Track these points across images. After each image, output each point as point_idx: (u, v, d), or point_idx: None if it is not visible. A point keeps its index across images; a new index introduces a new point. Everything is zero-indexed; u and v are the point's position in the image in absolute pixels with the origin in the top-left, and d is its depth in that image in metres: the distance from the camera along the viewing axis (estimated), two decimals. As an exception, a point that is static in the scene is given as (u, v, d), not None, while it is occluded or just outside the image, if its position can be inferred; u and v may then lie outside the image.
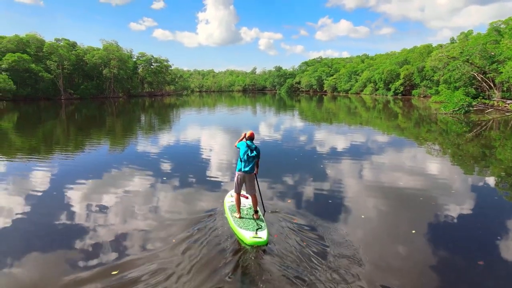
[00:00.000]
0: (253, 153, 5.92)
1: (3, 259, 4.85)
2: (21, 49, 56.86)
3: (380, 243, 5.47)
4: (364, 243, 5.33)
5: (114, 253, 4.99)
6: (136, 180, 8.95)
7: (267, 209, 6.58)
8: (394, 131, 20.13)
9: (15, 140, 16.62)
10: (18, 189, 8.18)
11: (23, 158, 12.07)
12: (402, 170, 10.18)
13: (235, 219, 5.92)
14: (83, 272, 4.46)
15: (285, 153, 13.08)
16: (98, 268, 4.57)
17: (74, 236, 5.56)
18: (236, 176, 6.05)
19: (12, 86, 51.47)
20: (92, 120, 27.74)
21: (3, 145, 15.21)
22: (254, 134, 6.24)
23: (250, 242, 5.19)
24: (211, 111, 38.25)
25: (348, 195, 7.80)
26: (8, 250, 5.13)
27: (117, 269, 4.51)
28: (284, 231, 5.69)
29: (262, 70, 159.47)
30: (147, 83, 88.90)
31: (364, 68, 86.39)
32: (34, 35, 61.59)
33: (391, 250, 5.23)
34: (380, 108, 39.44)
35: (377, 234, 5.83)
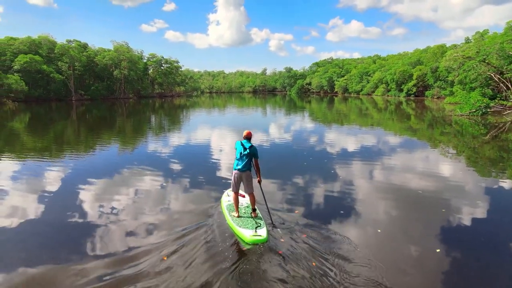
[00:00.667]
0: (246, 151, 5.96)
1: (18, 255, 5.00)
2: (33, 51, 57.82)
3: (402, 268, 4.66)
4: (381, 262, 4.72)
5: (120, 247, 5.17)
6: (144, 180, 9.05)
7: (275, 222, 5.96)
8: (407, 133, 19.55)
9: (27, 141, 16.70)
10: (31, 189, 8.25)
11: (35, 158, 12.12)
12: (417, 174, 9.74)
13: (234, 218, 5.93)
14: (91, 263, 4.68)
15: (294, 156, 12.74)
16: (103, 261, 4.74)
17: (84, 232, 5.76)
18: (232, 175, 6.09)
19: (24, 87, 52.31)
20: (102, 121, 27.87)
21: (16, 146, 15.31)
22: (251, 133, 6.27)
23: (250, 241, 5.22)
24: (221, 112, 38.12)
25: (362, 205, 7.17)
26: (23, 247, 5.28)
27: (122, 262, 4.69)
28: (292, 247, 5.08)
29: (273, 71, 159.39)
30: (157, 84, 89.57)
31: (376, 68, 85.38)
32: (46, 37, 62.65)
33: (416, 278, 4.49)
34: (392, 110, 38.71)
35: (396, 254, 5.06)
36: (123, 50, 72.04)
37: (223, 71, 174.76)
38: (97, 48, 73.29)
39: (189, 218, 6.29)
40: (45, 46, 61.12)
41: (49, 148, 14.56)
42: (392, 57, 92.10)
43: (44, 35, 62.99)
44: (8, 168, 10.52)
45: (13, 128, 22.19)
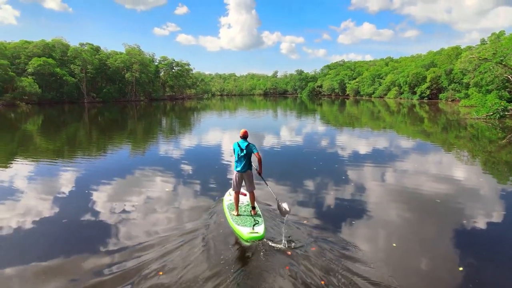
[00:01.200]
0: (243, 153, 6.09)
1: (33, 251, 5.19)
2: (47, 54, 58.90)
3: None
4: (399, 282, 4.41)
5: (128, 242, 5.39)
6: (153, 181, 9.27)
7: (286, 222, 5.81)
8: (420, 136, 19.08)
9: (40, 143, 16.93)
10: (44, 189, 8.40)
11: (48, 160, 12.31)
12: (432, 180, 9.39)
13: (233, 216, 6.15)
14: (100, 258, 4.92)
15: (304, 160, 12.49)
16: (111, 256, 4.97)
17: (94, 230, 6.04)
18: (234, 176, 6.25)
19: (37, 89, 53.32)
20: (114, 123, 28.12)
21: (29, 147, 15.51)
22: (247, 132, 6.36)
23: (247, 238, 5.43)
24: (231, 115, 38.08)
25: (376, 214, 6.83)
26: (36, 243, 5.50)
27: (129, 256, 4.90)
28: (299, 261, 4.78)
29: (284, 73, 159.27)
30: (168, 87, 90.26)
31: (388, 71, 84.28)
32: (59, 40, 63.78)
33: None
34: (405, 112, 38.05)
35: (414, 272, 4.66)
36: (134, 53, 72.84)
37: (234, 73, 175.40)
38: (110, 51, 74.36)
39: (193, 216, 6.52)
40: (58, 49, 62.23)
41: (62, 150, 14.80)
42: (405, 60, 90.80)
43: (57, 38, 64.16)
44: (23, 169, 10.67)
45: (26, 130, 22.53)
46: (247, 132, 6.34)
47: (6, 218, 6.49)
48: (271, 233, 5.71)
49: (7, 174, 10.16)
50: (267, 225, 5.93)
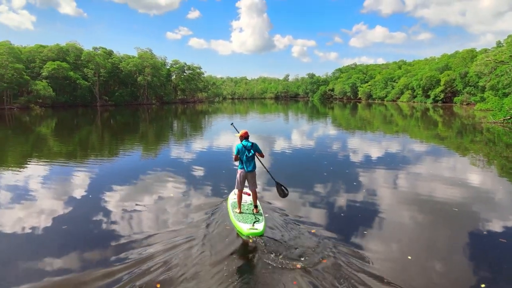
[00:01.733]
0: (250, 153, 6.30)
1: (47, 252, 5.29)
2: (61, 58, 59.99)
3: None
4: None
5: (135, 244, 5.49)
6: (162, 182, 9.48)
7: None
8: (434, 140, 18.67)
9: (53, 145, 17.19)
10: (57, 191, 8.53)
11: (61, 163, 12.45)
12: (448, 186, 9.12)
13: (236, 214, 6.31)
14: (111, 255, 5.07)
15: (314, 165, 12.31)
16: (123, 253, 5.13)
17: (106, 230, 6.15)
18: (238, 174, 6.42)
19: (51, 93, 54.31)
20: (126, 127, 28.39)
21: (43, 150, 15.77)
22: (247, 132, 6.58)
23: (246, 233, 5.60)
24: (243, 118, 38.11)
25: (389, 224, 6.50)
26: (50, 244, 5.61)
27: (141, 257, 4.96)
28: (308, 276, 4.52)
29: (295, 77, 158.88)
30: (180, 90, 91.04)
31: (401, 74, 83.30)
32: (73, 44, 64.94)
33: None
34: (418, 116, 37.43)
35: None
36: (146, 57, 73.74)
37: (245, 77, 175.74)
38: (122, 55, 75.46)
39: (198, 215, 6.76)
40: (72, 53, 63.36)
41: (74, 152, 15.00)
42: (418, 63, 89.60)
43: (71, 42, 65.35)
44: (36, 171, 10.82)
45: (40, 133, 22.95)
46: (247, 133, 6.57)
47: (21, 217, 6.68)
48: (274, 233, 5.83)
49: (22, 175, 10.33)
50: (272, 224, 6.16)
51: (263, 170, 6.72)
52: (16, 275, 4.59)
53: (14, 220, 6.55)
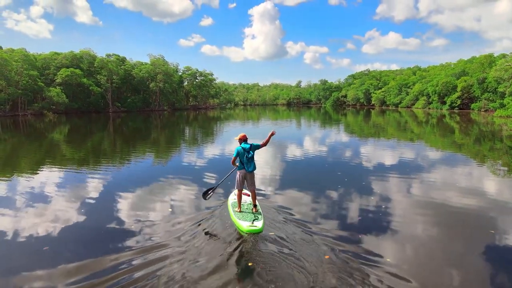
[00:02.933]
0: (250, 154, 6.69)
1: (62, 252, 5.54)
2: (75, 65, 61.37)
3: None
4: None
5: (143, 240, 5.86)
6: (170, 186, 9.81)
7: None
8: (451, 148, 18.11)
9: (66, 151, 17.47)
10: (71, 196, 8.76)
11: (74, 168, 12.63)
12: (466, 194, 8.76)
13: (236, 213, 6.63)
14: (123, 253, 5.34)
15: (327, 176, 12.05)
16: (133, 250, 5.46)
17: (119, 231, 6.46)
18: (238, 175, 6.81)
19: (65, 99, 55.42)
20: (138, 133, 28.62)
21: (56, 156, 16.02)
22: (245, 135, 6.95)
23: (246, 230, 5.94)
24: (255, 124, 38.03)
25: (404, 235, 6.35)
26: (64, 245, 5.85)
27: (144, 252, 5.33)
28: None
29: (307, 83, 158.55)
30: (191, 97, 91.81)
31: (416, 80, 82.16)
32: (87, 51, 66.46)
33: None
34: (434, 123, 36.63)
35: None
36: (159, 63, 74.72)
37: (257, 83, 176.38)
38: (135, 62, 76.74)
39: (200, 215, 7.09)
40: (86, 60, 64.81)
41: (87, 158, 15.23)
42: (433, 68, 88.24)
43: (85, 50, 66.86)
44: (49, 176, 11.06)
45: (53, 139, 23.31)
46: (245, 136, 6.94)
47: (36, 222, 6.85)
48: (273, 230, 6.08)
49: (36, 180, 10.54)
50: (273, 223, 6.45)
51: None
52: (28, 274, 4.81)
53: (29, 222, 6.80)
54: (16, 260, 5.26)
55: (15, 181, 10.58)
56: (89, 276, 4.65)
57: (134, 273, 4.66)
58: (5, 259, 5.35)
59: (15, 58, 52.09)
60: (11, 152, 17.65)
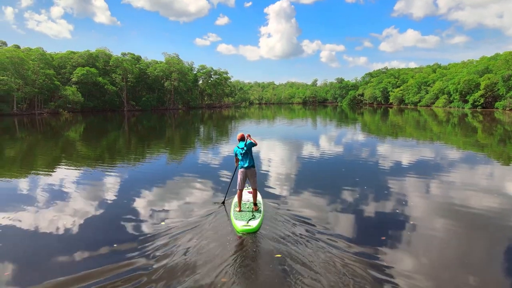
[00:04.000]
0: (243, 150, 6.84)
1: (83, 245, 5.70)
2: (90, 64, 62.44)
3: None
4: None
5: (151, 236, 6.02)
6: (182, 185, 9.84)
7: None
8: (473, 148, 17.36)
9: (81, 150, 17.73)
10: (87, 193, 8.99)
11: (91, 166, 12.86)
12: (492, 197, 8.26)
13: (235, 212, 6.68)
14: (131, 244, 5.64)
15: (342, 179, 11.72)
16: (145, 243, 5.78)
17: (132, 227, 6.57)
18: (239, 174, 6.91)
19: (80, 98, 56.41)
20: (152, 131, 28.81)
21: (72, 154, 16.27)
22: (243, 135, 7.09)
23: (240, 230, 5.94)
24: (270, 123, 37.75)
25: (422, 239, 6.09)
26: (80, 239, 6.05)
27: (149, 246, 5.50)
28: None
29: (323, 82, 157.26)
30: (206, 95, 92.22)
31: (436, 78, 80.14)
32: (103, 50, 67.50)
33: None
34: (455, 122, 35.47)
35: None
36: (173, 62, 75.28)
37: (273, 82, 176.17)
38: (150, 60, 77.54)
39: (205, 212, 7.17)
40: (101, 59, 65.83)
41: (102, 156, 15.45)
42: (454, 66, 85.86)
43: (101, 49, 67.99)
44: (66, 174, 11.29)
45: (69, 137, 23.69)
46: (242, 135, 7.07)
47: (56, 216, 7.11)
48: (272, 230, 6.04)
49: (53, 178, 10.73)
50: (275, 222, 6.39)
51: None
52: (48, 267, 5.03)
53: (47, 218, 7.02)
54: (37, 252, 5.49)
55: (35, 178, 10.73)
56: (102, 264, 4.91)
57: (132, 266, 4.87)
58: (27, 251, 5.57)
59: (32, 57, 53.32)
60: (29, 150, 17.94)
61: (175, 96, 75.73)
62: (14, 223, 6.70)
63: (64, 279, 4.55)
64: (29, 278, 4.63)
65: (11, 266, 5.02)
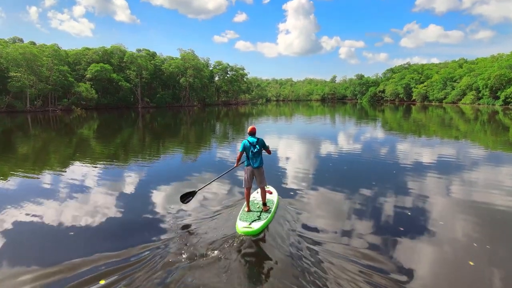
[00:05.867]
0: (255, 149, 6.37)
1: (99, 242, 5.75)
2: (105, 60, 62.96)
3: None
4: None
5: (163, 231, 6.06)
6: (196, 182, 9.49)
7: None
8: (506, 148, 16.21)
9: (95, 147, 17.66)
10: (101, 191, 8.88)
11: (104, 164, 12.69)
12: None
13: (243, 212, 6.42)
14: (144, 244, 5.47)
15: (359, 170, 11.17)
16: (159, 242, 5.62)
17: (145, 223, 6.58)
18: (245, 172, 6.58)
19: (94, 95, 56.92)
20: (166, 129, 28.61)
21: (86, 151, 16.24)
22: (255, 128, 6.65)
23: (239, 231, 5.64)
24: (288, 121, 37.07)
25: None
26: (92, 236, 6.05)
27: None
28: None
29: (342, 78, 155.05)
30: (222, 92, 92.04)
31: (463, 73, 77.33)
32: (118, 47, 67.95)
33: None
34: (484, 120, 33.80)
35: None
36: (189, 58, 75.19)
37: (291, 79, 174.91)
38: (165, 57, 77.78)
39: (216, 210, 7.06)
40: (116, 55, 66.33)
41: (116, 154, 15.33)
42: (483, 60, 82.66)
43: (117, 45, 68.56)
44: (80, 171, 11.23)
45: (83, 134, 23.77)
46: (255, 129, 6.64)
47: (73, 213, 7.11)
48: (276, 234, 5.76)
49: (65, 176, 10.64)
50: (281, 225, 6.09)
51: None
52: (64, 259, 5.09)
53: (62, 214, 7.06)
54: (52, 248, 5.58)
55: (48, 176, 10.70)
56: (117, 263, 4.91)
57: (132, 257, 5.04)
58: (42, 247, 5.62)
59: (46, 53, 53.93)
60: (42, 147, 17.99)
61: (190, 92, 75.59)
62: (29, 219, 6.77)
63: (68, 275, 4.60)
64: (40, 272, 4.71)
65: (25, 261, 5.08)
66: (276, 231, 5.87)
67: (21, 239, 5.91)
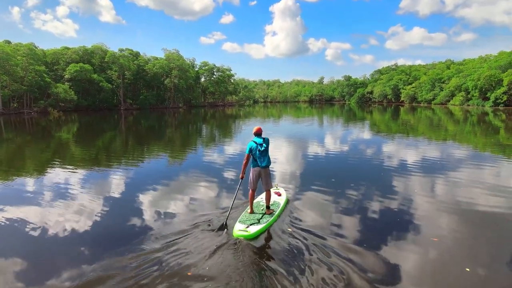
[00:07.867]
0: (263, 147, 6.39)
1: (89, 248, 5.69)
2: (86, 60, 61.55)
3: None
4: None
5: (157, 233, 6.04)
6: (187, 186, 9.74)
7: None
8: (495, 149, 16.46)
9: (72, 151, 17.19)
10: (83, 197, 8.60)
11: (81, 168, 12.36)
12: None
13: (245, 214, 6.39)
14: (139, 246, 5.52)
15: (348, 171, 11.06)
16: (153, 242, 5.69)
17: (137, 227, 6.58)
18: (251, 173, 6.52)
19: (73, 96, 55.30)
20: (149, 132, 28.02)
21: (63, 156, 15.71)
22: (261, 129, 6.64)
23: (234, 235, 5.59)
24: (275, 123, 36.99)
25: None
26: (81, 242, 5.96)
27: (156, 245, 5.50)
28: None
29: (330, 79, 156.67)
30: (209, 93, 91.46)
31: (452, 74, 78.77)
32: (100, 46, 66.56)
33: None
34: (473, 121, 34.45)
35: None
36: (173, 58, 74.33)
37: (278, 80, 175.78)
38: (149, 57, 76.77)
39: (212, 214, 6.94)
40: (97, 55, 64.96)
41: (96, 159, 14.90)
42: (471, 61, 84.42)
43: (98, 44, 67.21)
44: (56, 178, 10.77)
45: (60, 138, 23.10)
46: (261, 129, 6.64)
47: (58, 219, 6.94)
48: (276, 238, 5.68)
49: (41, 181, 10.35)
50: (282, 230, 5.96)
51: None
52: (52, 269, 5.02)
53: (39, 223, 6.82)
54: (41, 255, 5.50)
55: (23, 181, 10.45)
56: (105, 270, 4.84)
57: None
58: (31, 253, 5.55)
59: (20, 53, 52.20)
60: (17, 152, 17.37)
61: (175, 94, 74.73)
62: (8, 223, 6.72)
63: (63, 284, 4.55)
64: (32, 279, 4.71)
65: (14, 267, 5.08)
66: (274, 234, 5.84)
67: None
